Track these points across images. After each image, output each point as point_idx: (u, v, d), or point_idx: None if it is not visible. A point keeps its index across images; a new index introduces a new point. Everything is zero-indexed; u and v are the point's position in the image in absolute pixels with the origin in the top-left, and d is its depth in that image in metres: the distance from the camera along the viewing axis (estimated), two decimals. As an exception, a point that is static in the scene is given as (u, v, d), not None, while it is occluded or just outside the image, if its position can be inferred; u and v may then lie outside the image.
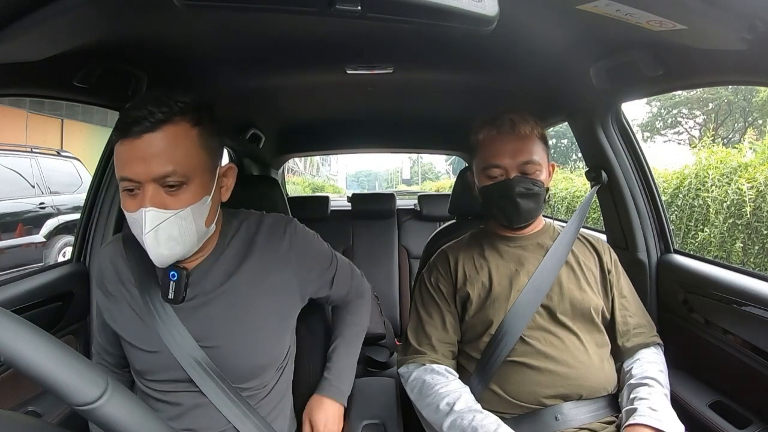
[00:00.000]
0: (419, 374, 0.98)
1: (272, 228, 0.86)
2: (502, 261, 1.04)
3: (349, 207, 2.51)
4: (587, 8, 0.67)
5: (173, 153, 0.69)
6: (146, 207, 0.68)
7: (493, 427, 0.83)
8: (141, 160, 0.68)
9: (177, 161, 0.69)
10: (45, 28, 0.67)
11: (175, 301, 0.78)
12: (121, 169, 0.70)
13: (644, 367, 0.96)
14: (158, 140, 0.69)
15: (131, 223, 0.72)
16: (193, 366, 0.78)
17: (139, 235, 0.71)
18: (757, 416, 0.94)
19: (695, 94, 16.25)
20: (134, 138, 0.68)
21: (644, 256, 1.25)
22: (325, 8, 0.52)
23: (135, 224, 0.71)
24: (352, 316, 1.04)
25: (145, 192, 0.69)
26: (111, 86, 1.04)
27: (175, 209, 0.70)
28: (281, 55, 1.14)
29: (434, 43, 1.02)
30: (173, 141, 0.70)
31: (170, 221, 0.70)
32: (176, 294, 0.78)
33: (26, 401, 1.00)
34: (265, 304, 0.82)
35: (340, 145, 2.49)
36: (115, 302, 0.82)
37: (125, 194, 0.71)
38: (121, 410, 0.46)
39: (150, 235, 0.69)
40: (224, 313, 0.80)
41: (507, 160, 0.97)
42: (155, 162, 0.68)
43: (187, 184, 0.71)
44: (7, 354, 0.42)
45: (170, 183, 0.69)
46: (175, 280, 0.78)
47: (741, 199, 3.93)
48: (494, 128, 0.99)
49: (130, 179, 0.69)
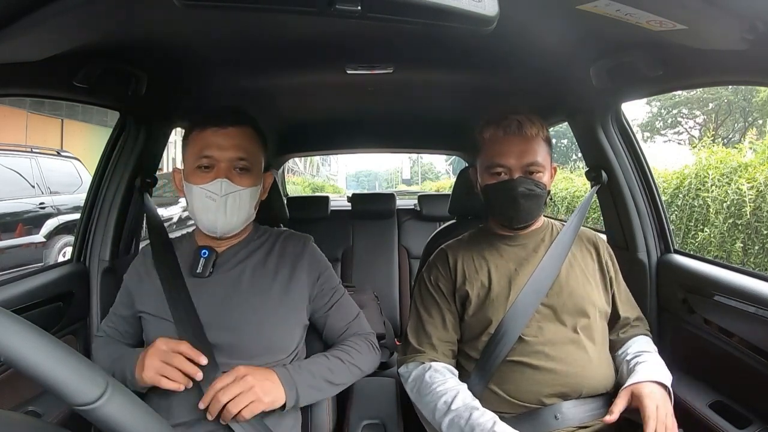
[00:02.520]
0: (418, 373, 0.98)
1: (291, 236, 1.03)
2: (501, 260, 1.04)
3: (349, 207, 2.51)
4: (587, 8, 0.67)
5: (247, 145, 0.91)
6: (222, 178, 0.88)
7: (490, 425, 0.83)
8: (222, 144, 0.89)
9: (248, 152, 0.91)
10: (45, 28, 0.67)
11: (202, 275, 0.92)
12: (204, 149, 0.89)
13: (642, 345, 1.01)
14: (239, 133, 0.91)
15: (197, 195, 0.89)
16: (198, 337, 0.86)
17: (205, 205, 0.88)
18: (757, 416, 0.95)
19: (695, 94, 16.25)
20: (220, 127, 0.89)
21: (644, 256, 1.25)
22: (325, 8, 0.51)
23: (202, 195, 0.88)
24: (347, 347, 0.97)
25: (221, 168, 0.88)
26: (111, 86, 1.05)
27: (242, 186, 0.90)
28: (281, 55, 1.14)
29: (434, 43, 1.02)
30: (247, 137, 0.92)
31: (237, 194, 0.89)
32: (204, 269, 0.92)
33: (26, 401, 1.00)
34: (278, 293, 0.93)
35: (340, 145, 2.49)
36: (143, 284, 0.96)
37: (198, 171, 0.89)
38: (121, 410, 0.46)
39: (221, 200, 0.87)
40: (238, 292, 0.91)
41: (512, 161, 0.98)
42: (234, 148, 0.89)
43: (250, 171, 0.91)
44: (7, 354, 0.42)
45: (240, 166, 0.90)
46: (205, 257, 0.93)
47: (741, 199, 3.94)
48: (501, 128, 1.00)
49: (210, 156, 0.88)
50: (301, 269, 0.97)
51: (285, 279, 0.95)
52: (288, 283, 0.95)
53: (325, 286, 0.99)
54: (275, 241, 1.00)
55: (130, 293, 0.97)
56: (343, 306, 1.01)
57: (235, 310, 0.90)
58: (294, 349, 0.94)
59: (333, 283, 1.01)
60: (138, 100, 1.13)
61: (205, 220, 0.89)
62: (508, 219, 1.02)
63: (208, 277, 0.92)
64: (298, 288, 0.95)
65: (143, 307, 0.93)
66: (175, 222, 6.11)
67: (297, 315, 0.95)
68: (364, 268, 2.28)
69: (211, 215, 0.88)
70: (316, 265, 0.99)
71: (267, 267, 0.95)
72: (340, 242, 2.31)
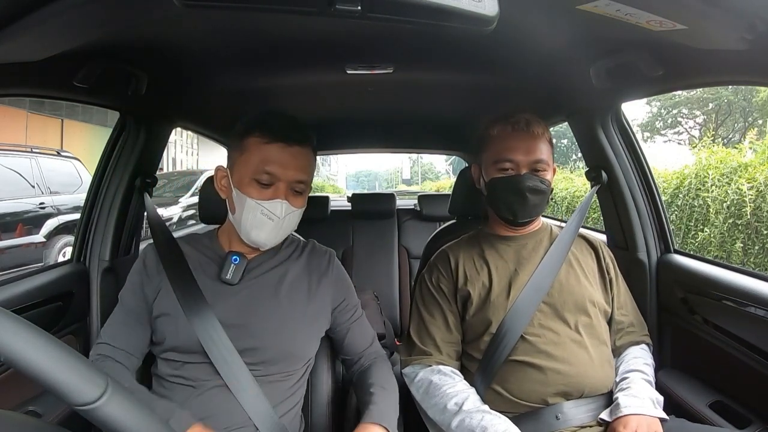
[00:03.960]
0: (425, 375, 0.98)
1: (316, 249, 1.02)
2: (501, 261, 1.04)
3: (349, 207, 2.51)
4: (587, 8, 0.67)
5: (307, 166, 0.89)
6: (282, 200, 0.86)
7: (503, 428, 0.83)
8: (287, 163, 0.86)
9: (307, 173, 0.90)
10: (45, 28, 0.67)
11: (230, 282, 0.90)
12: (267, 164, 0.85)
13: (629, 362, 1.00)
14: (303, 154, 0.88)
15: (251, 208, 0.85)
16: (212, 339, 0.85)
17: (258, 221, 0.86)
18: (757, 416, 0.95)
19: (695, 94, 16.26)
20: (288, 144, 0.86)
21: (644, 256, 1.25)
22: (325, 8, 0.51)
23: (257, 210, 0.85)
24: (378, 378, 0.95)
25: (280, 189, 0.86)
26: (111, 86, 1.04)
27: (296, 208, 0.89)
28: (281, 55, 1.14)
29: (434, 43, 1.02)
30: (309, 158, 0.90)
31: (292, 215, 0.88)
32: (234, 275, 0.90)
33: (26, 401, 1.00)
34: (302, 304, 0.93)
35: (340, 145, 2.49)
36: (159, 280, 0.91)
37: (255, 184, 0.86)
38: (121, 410, 0.46)
39: (278, 222, 0.86)
40: (263, 300, 0.90)
41: (520, 157, 0.99)
42: (298, 169, 0.87)
43: (303, 194, 0.91)
44: (7, 354, 0.42)
45: (298, 189, 0.89)
46: (236, 263, 0.91)
47: (741, 199, 3.93)
48: (509, 125, 1.01)
49: (272, 173, 0.85)
50: (327, 284, 0.97)
51: (310, 290, 0.95)
52: (313, 295, 0.95)
53: (349, 302, 1.01)
54: (302, 252, 1.00)
55: (144, 294, 0.91)
56: (361, 325, 1.03)
57: (259, 317, 0.89)
58: (309, 358, 0.96)
59: (354, 301, 1.03)
60: (138, 100, 1.13)
61: (255, 235, 0.87)
62: (513, 213, 1.02)
63: (238, 284, 0.91)
64: (321, 300, 0.96)
65: (159, 308, 0.89)
66: (175, 222, 6.10)
67: (317, 326, 0.96)
68: (364, 268, 2.28)
69: (264, 233, 0.87)
70: (341, 283, 1.01)
71: (293, 277, 0.95)
72: (340, 242, 2.31)
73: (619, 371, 0.99)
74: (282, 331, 0.89)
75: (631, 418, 0.86)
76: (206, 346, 0.84)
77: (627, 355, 1.02)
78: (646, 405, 0.88)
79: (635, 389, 0.91)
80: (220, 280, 0.90)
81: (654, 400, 0.91)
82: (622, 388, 0.93)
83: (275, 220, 0.86)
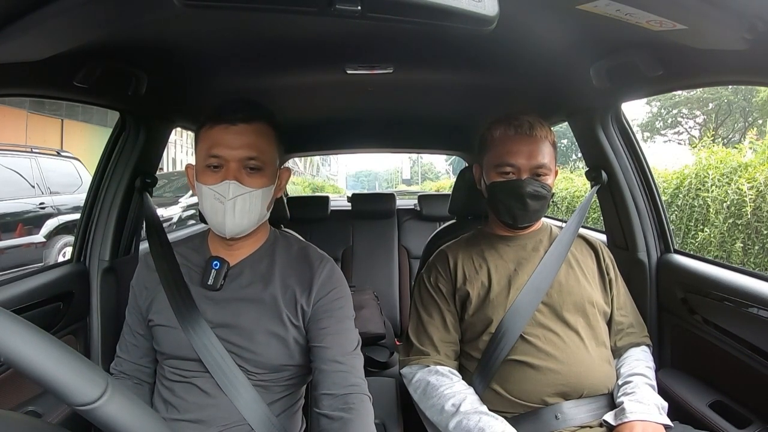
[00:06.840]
0: (423, 375, 0.98)
1: (311, 254, 0.94)
2: (501, 261, 1.04)
3: (349, 207, 2.51)
4: (587, 8, 0.67)
5: (258, 143, 0.85)
6: (230, 180, 0.82)
7: (500, 429, 0.83)
8: (231, 142, 0.83)
9: (260, 150, 0.85)
10: (45, 28, 0.67)
11: (213, 287, 0.88)
12: (212, 148, 0.83)
13: (631, 365, 0.99)
14: (249, 130, 0.84)
15: (206, 195, 0.84)
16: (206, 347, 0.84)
17: (213, 207, 0.83)
18: (757, 416, 0.95)
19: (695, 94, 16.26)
20: (230, 124, 0.83)
21: (644, 256, 1.25)
22: (325, 8, 0.51)
23: (210, 196, 0.83)
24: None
25: (230, 169, 0.83)
26: (111, 86, 1.04)
27: (251, 188, 0.84)
28: (281, 55, 1.14)
29: (434, 43, 1.02)
30: (259, 134, 0.85)
31: (246, 196, 0.84)
32: (215, 281, 0.88)
33: (26, 401, 1.00)
34: (288, 308, 0.87)
35: (340, 145, 2.49)
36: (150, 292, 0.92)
37: (208, 170, 0.84)
38: (121, 410, 0.46)
39: (229, 204, 0.82)
40: (248, 306, 0.87)
41: (522, 161, 0.99)
42: (244, 147, 0.83)
43: (262, 171, 0.85)
44: (7, 354, 0.42)
45: (251, 166, 0.84)
46: (217, 269, 0.88)
47: (741, 199, 3.93)
48: (512, 127, 1.01)
49: (218, 156, 0.83)
50: (311, 290, 0.88)
51: (294, 295, 0.88)
52: (296, 299, 0.88)
53: (331, 306, 0.88)
54: (291, 254, 0.93)
55: (139, 307, 0.93)
56: (343, 338, 0.87)
57: (244, 323, 0.86)
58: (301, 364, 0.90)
59: (341, 303, 0.90)
60: (138, 100, 1.13)
61: (214, 221, 0.85)
62: (512, 218, 1.02)
63: (220, 289, 0.88)
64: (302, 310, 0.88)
65: (154, 318, 0.90)
66: (175, 222, 6.10)
67: (300, 332, 0.88)
68: (364, 268, 2.28)
69: (219, 218, 0.83)
70: (327, 282, 0.90)
71: (278, 282, 0.89)
72: (340, 242, 2.31)
73: (621, 373, 0.98)
74: (266, 336, 0.86)
75: (636, 424, 0.86)
76: (200, 352, 0.84)
77: (628, 357, 1.02)
78: (652, 411, 0.88)
79: (640, 394, 0.91)
80: (204, 287, 0.88)
81: (659, 406, 0.90)
82: (627, 392, 0.93)
83: (225, 202, 0.82)
